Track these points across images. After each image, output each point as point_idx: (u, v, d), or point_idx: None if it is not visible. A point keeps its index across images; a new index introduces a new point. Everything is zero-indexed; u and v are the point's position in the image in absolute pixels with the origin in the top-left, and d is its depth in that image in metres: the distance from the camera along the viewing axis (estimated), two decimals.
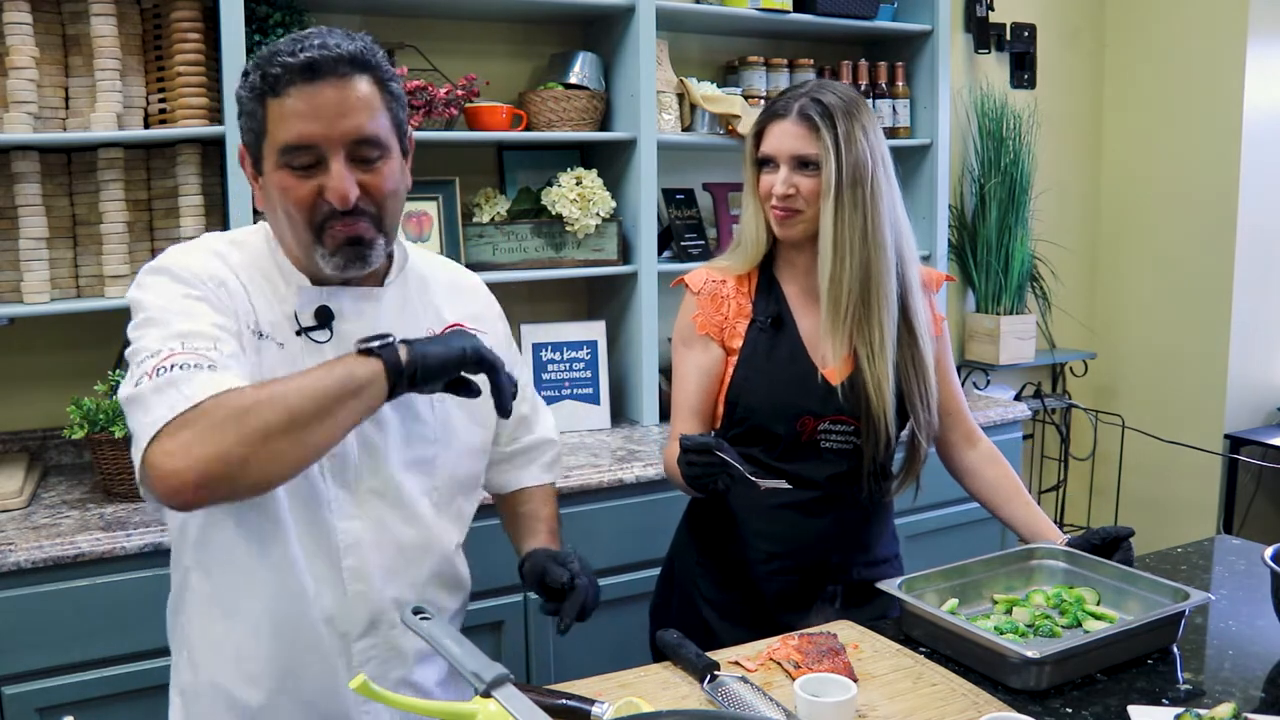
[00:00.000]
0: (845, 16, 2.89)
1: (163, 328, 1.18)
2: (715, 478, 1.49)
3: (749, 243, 1.75)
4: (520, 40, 2.78)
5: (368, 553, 1.34)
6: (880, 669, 1.41)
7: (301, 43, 1.22)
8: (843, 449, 1.71)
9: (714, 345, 1.74)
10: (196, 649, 1.37)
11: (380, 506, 1.35)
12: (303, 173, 1.23)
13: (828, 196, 1.64)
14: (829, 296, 1.66)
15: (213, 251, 1.30)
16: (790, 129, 1.66)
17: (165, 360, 1.14)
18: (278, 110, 1.22)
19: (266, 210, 1.30)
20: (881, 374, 1.65)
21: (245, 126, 1.27)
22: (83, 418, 2.01)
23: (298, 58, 1.20)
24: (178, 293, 1.22)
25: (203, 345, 1.16)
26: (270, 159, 1.24)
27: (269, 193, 1.27)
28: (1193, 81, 3.49)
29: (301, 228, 1.25)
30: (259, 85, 1.22)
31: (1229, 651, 1.48)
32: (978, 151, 3.45)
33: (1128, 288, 3.75)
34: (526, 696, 1.13)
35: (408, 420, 1.37)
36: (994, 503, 1.83)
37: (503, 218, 2.61)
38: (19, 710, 1.81)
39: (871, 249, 1.64)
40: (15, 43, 2.06)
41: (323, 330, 1.31)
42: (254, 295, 1.29)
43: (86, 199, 2.20)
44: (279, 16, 2.28)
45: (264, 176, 1.27)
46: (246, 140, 1.28)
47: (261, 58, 1.24)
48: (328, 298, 1.32)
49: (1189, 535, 2.78)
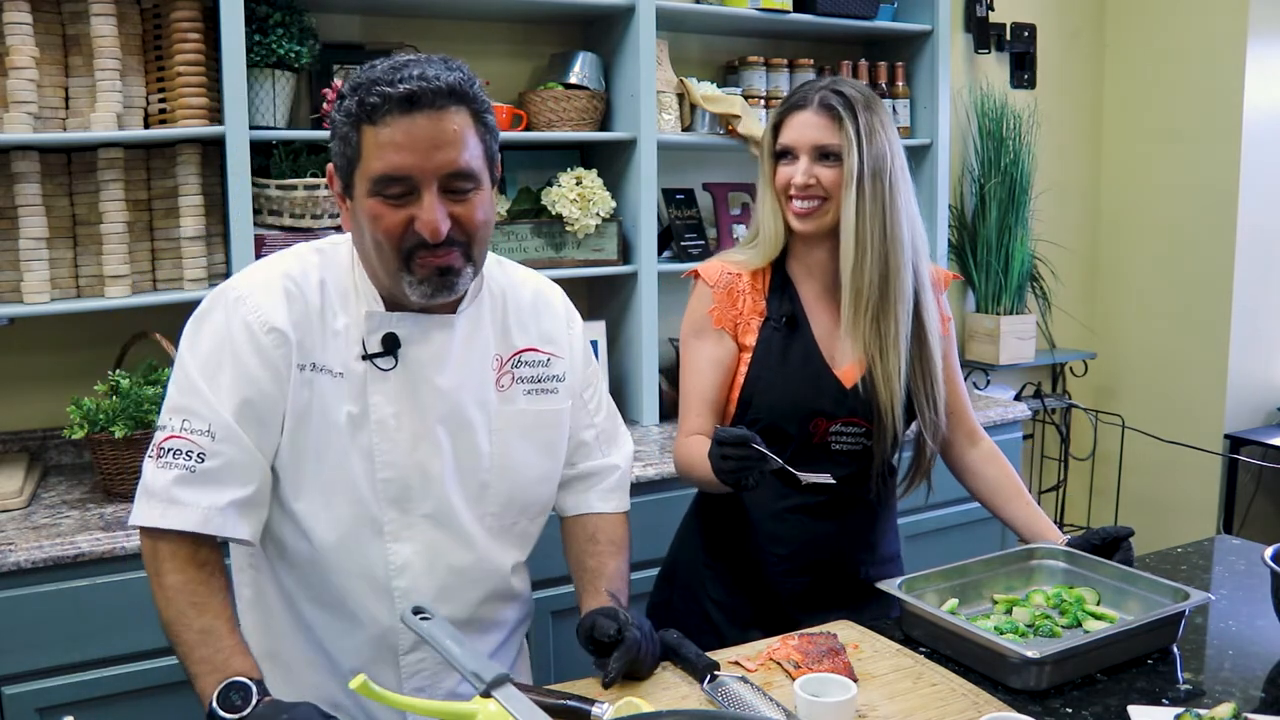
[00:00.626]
0: (845, 16, 2.89)
1: (182, 391, 1.28)
2: (750, 472, 1.45)
3: (767, 238, 1.72)
4: (520, 40, 2.78)
5: (419, 576, 1.37)
6: (880, 669, 1.41)
7: (400, 71, 1.22)
8: (852, 450, 1.71)
9: (728, 339, 1.72)
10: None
11: (433, 530, 1.37)
12: (395, 202, 1.24)
13: (849, 188, 1.63)
14: (850, 289, 1.65)
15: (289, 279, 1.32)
16: (811, 119, 1.65)
17: (165, 441, 1.27)
18: (373, 139, 1.22)
19: (353, 232, 1.32)
20: (894, 372, 1.65)
21: (338, 150, 1.28)
22: (83, 418, 2.01)
23: (397, 88, 1.20)
24: (212, 349, 1.28)
25: (199, 436, 1.26)
26: (362, 186, 1.25)
27: (357, 217, 1.29)
28: (1193, 81, 3.49)
29: (390, 256, 1.27)
30: (355, 111, 1.23)
31: (1229, 651, 1.48)
32: (978, 151, 3.45)
33: (1128, 288, 3.75)
34: (526, 696, 1.13)
35: (462, 452, 1.38)
36: (994, 502, 1.83)
37: (503, 218, 2.61)
38: (19, 710, 1.81)
39: (890, 244, 1.64)
40: (15, 43, 2.06)
41: (388, 358, 1.33)
42: (322, 318, 1.32)
43: (86, 199, 2.20)
44: (279, 16, 2.28)
45: (354, 201, 1.28)
46: (338, 164, 1.29)
47: (359, 83, 1.24)
48: (396, 324, 1.33)
49: (1189, 535, 2.77)
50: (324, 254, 1.37)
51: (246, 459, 1.27)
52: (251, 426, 1.28)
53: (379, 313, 1.33)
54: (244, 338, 1.28)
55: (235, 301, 1.30)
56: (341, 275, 1.35)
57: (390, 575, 1.35)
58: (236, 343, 1.28)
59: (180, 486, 1.25)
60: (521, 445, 1.42)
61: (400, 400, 1.33)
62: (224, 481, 1.26)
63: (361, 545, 1.35)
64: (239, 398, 1.27)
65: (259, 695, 1.17)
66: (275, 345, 1.28)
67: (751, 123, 2.76)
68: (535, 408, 1.44)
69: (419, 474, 1.35)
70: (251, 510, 1.29)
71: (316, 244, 1.39)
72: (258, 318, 1.28)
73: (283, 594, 1.39)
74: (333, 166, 1.31)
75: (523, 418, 1.42)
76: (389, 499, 1.34)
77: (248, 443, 1.27)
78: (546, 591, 2.24)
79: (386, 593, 1.36)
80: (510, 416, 1.41)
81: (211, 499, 1.25)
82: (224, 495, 1.26)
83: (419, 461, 1.35)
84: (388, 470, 1.34)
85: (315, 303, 1.32)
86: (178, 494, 1.25)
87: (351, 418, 1.32)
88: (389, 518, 1.34)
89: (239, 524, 1.27)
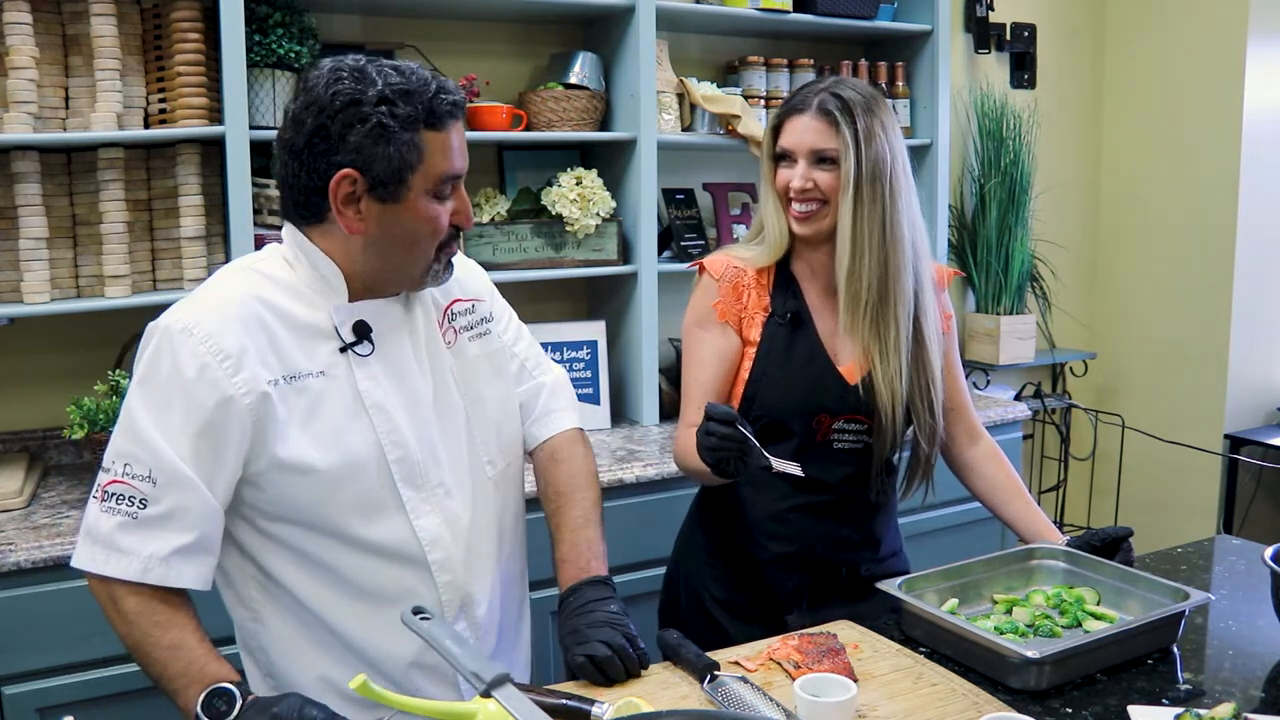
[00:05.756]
0: (845, 16, 2.89)
1: (125, 433, 1.27)
2: (730, 454, 1.46)
3: (772, 238, 1.72)
4: (520, 40, 2.79)
5: (448, 545, 1.40)
6: (880, 669, 1.41)
7: (433, 81, 1.31)
8: (853, 448, 1.71)
9: (731, 332, 1.72)
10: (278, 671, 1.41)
11: (447, 499, 1.41)
12: (444, 201, 1.34)
13: (846, 192, 1.63)
14: (847, 293, 1.65)
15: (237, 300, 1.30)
16: (809, 123, 1.65)
17: (108, 485, 1.26)
18: (439, 143, 1.30)
19: (380, 236, 1.32)
20: (894, 374, 1.66)
21: (385, 155, 1.27)
22: (83, 418, 2.01)
23: (454, 95, 1.32)
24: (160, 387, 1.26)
25: (141, 482, 1.24)
26: (422, 187, 1.31)
27: (400, 220, 1.31)
28: (1193, 81, 3.48)
29: (430, 249, 1.35)
30: (417, 116, 1.28)
31: (1229, 651, 1.48)
32: (978, 151, 3.45)
33: (1128, 288, 3.75)
34: (526, 696, 1.13)
35: (447, 414, 1.43)
36: (994, 501, 1.83)
37: (503, 218, 2.62)
38: (19, 710, 1.81)
39: (889, 246, 1.64)
40: (15, 43, 2.06)
41: (364, 344, 1.36)
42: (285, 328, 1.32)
43: (86, 199, 2.20)
44: (279, 16, 2.28)
45: (395, 204, 1.30)
46: (378, 169, 1.27)
47: (404, 89, 1.27)
48: (361, 311, 1.37)
49: (1189, 535, 2.78)
50: (260, 272, 1.36)
51: (194, 503, 1.26)
52: (206, 464, 1.26)
53: (344, 305, 1.36)
54: (194, 372, 1.25)
55: (181, 334, 1.26)
56: (289, 284, 1.35)
57: (426, 551, 1.38)
58: (186, 378, 1.25)
59: (122, 533, 1.24)
60: (488, 389, 1.50)
61: (386, 380, 1.37)
62: (167, 528, 1.25)
63: (391, 528, 1.36)
64: (192, 436, 1.25)
65: (243, 696, 1.18)
66: (231, 372, 1.26)
67: (751, 123, 2.76)
68: (484, 349, 1.51)
69: (424, 447, 1.38)
70: (197, 556, 1.27)
71: (245, 265, 1.38)
72: (209, 347, 1.26)
73: (303, 622, 1.37)
74: (356, 173, 1.27)
75: (479, 363, 1.50)
76: (403, 478, 1.36)
77: (198, 486, 1.25)
78: (547, 591, 2.24)
79: (425, 568, 1.38)
80: (469, 366, 1.48)
81: (154, 547, 1.24)
82: (167, 543, 1.25)
83: (420, 435, 1.38)
84: (396, 450, 1.36)
85: (270, 317, 1.31)
86: (120, 541, 1.24)
87: (348, 409, 1.34)
88: (407, 495, 1.37)
89: (183, 571, 1.26)
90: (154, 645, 1.23)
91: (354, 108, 1.26)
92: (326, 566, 1.35)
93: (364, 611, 1.37)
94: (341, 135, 1.26)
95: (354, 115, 1.26)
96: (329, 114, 1.27)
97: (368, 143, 1.26)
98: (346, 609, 1.37)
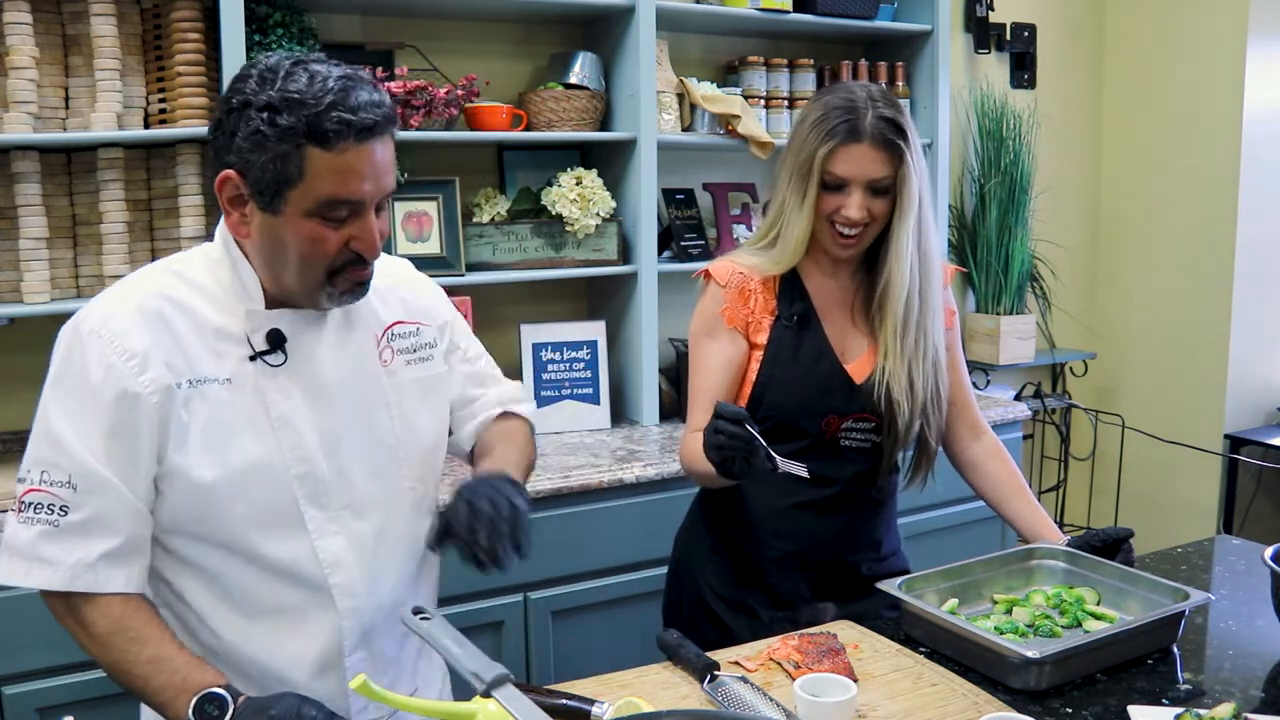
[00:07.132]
0: (845, 16, 2.89)
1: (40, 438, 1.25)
2: (736, 454, 1.45)
3: (789, 251, 1.69)
4: (520, 40, 2.79)
5: (351, 569, 1.34)
6: (880, 669, 1.41)
7: (348, 97, 1.18)
8: (862, 447, 1.71)
9: (740, 338, 1.72)
10: None
11: (354, 519, 1.35)
12: (336, 224, 1.23)
13: (906, 218, 1.63)
14: (900, 315, 1.66)
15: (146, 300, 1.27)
16: (869, 153, 1.61)
17: (25, 495, 1.23)
18: (325, 163, 1.19)
19: (259, 242, 1.26)
20: (904, 370, 1.66)
21: (261, 163, 1.19)
22: None
23: (359, 117, 1.18)
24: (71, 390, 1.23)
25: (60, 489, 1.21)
26: (299, 205, 1.21)
27: (276, 232, 1.23)
28: (1193, 81, 3.48)
29: (318, 272, 1.25)
30: (300, 131, 1.17)
31: (1229, 651, 1.48)
32: (978, 151, 3.45)
33: (1128, 288, 3.75)
34: (526, 696, 1.13)
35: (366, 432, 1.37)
36: (996, 499, 1.83)
37: (503, 218, 2.62)
38: (19, 710, 1.81)
39: (925, 260, 1.67)
40: (15, 43, 2.06)
41: (277, 354, 1.30)
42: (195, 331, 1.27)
43: (86, 199, 2.20)
44: (279, 16, 2.28)
45: (274, 216, 1.22)
46: (254, 176, 1.21)
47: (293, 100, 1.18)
48: (277, 320, 1.30)
49: (1189, 535, 2.77)
50: (178, 274, 1.31)
51: (116, 506, 1.23)
52: (122, 465, 1.23)
53: (259, 311, 1.29)
54: (101, 373, 1.22)
55: (89, 335, 1.23)
56: (206, 286, 1.30)
57: (326, 573, 1.32)
58: (93, 380, 1.22)
59: (44, 542, 1.21)
60: (418, 413, 1.43)
61: (297, 393, 1.31)
62: (91, 534, 1.21)
63: (291, 547, 1.31)
64: (104, 437, 1.22)
65: (234, 699, 1.15)
66: (137, 372, 1.22)
67: (751, 123, 2.76)
68: (420, 374, 1.45)
69: (333, 466, 1.33)
70: (126, 559, 1.24)
71: (165, 265, 1.34)
72: (115, 347, 1.22)
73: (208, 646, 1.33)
74: (237, 175, 1.21)
75: (413, 386, 1.43)
76: (307, 496, 1.31)
77: (118, 487, 1.22)
78: (547, 591, 2.25)
79: (326, 592, 1.33)
80: (402, 387, 1.42)
81: (79, 554, 1.21)
82: (93, 549, 1.21)
83: (330, 452, 1.32)
84: (301, 465, 1.30)
85: (180, 319, 1.27)
86: (43, 551, 1.21)
87: (251, 421, 1.28)
88: (310, 515, 1.31)
89: (112, 576, 1.22)
90: (133, 662, 1.20)
91: (243, 109, 1.20)
92: (224, 584, 1.30)
93: (262, 631, 1.32)
94: (231, 134, 1.22)
95: (241, 117, 1.20)
96: (224, 110, 1.23)
97: (246, 147, 1.20)
98: (245, 628, 1.32)
